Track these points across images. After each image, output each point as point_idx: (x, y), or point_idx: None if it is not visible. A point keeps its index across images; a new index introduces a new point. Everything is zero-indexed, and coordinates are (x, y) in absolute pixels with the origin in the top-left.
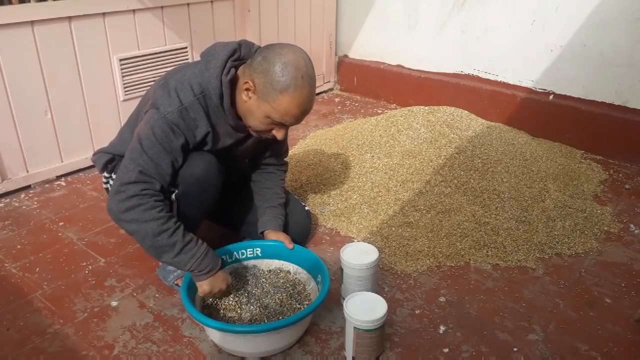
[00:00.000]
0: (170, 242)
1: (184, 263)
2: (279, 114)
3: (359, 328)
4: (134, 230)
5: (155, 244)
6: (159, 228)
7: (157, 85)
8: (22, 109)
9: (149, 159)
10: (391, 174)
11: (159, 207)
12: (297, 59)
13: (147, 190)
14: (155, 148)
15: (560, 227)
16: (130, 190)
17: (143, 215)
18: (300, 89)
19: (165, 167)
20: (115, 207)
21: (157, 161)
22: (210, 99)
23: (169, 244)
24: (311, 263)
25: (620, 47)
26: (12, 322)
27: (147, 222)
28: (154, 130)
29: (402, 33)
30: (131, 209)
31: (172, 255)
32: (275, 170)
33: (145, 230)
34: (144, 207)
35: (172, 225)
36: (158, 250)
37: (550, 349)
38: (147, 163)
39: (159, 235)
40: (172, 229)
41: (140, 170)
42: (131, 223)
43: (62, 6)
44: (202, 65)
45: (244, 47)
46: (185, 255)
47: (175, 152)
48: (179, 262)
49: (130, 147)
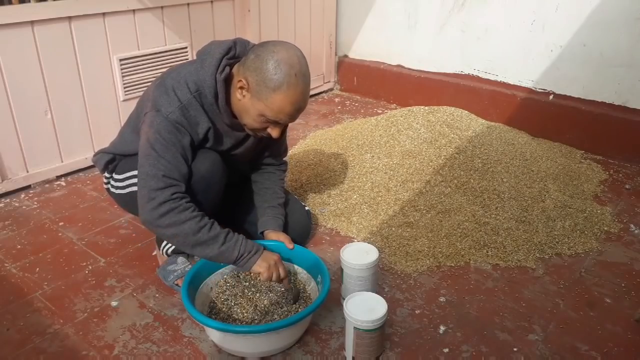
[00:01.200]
0: (212, 235)
1: (232, 250)
2: (272, 112)
3: (359, 328)
4: (173, 234)
5: (198, 241)
6: (197, 225)
7: (154, 85)
8: (22, 109)
9: (167, 162)
10: (391, 174)
11: (191, 208)
12: (291, 56)
13: (176, 193)
14: (170, 150)
15: (560, 227)
16: (161, 197)
17: (179, 217)
18: (293, 86)
19: (183, 167)
20: (150, 216)
21: (175, 162)
22: (205, 97)
23: (211, 237)
24: (311, 263)
25: (620, 47)
26: (12, 322)
27: (185, 223)
28: (161, 133)
29: (402, 33)
30: (166, 214)
31: (218, 246)
32: (275, 170)
33: (184, 230)
34: (177, 210)
35: (208, 221)
36: (202, 247)
37: (550, 349)
38: (167, 167)
39: (199, 232)
40: (209, 223)
41: (164, 175)
42: (169, 227)
43: (62, 6)
44: (198, 64)
45: (239, 45)
46: (230, 242)
47: (186, 149)
48: (226, 250)
49: (143, 154)
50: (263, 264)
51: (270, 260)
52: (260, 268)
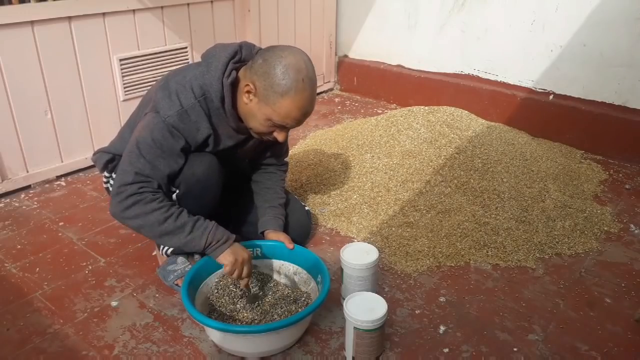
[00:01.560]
0: (178, 224)
1: (199, 238)
2: (280, 117)
3: (359, 328)
4: (139, 225)
5: (164, 231)
6: (162, 215)
7: (158, 86)
8: (22, 109)
9: (145, 162)
10: (391, 174)
11: (158, 198)
12: (298, 61)
13: (145, 187)
14: (152, 151)
15: (560, 227)
16: (128, 190)
17: (144, 208)
18: (301, 91)
19: (163, 168)
20: (116, 208)
21: (155, 163)
22: (211, 101)
23: (177, 227)
24: (311, 263)
25: (620, 47)
26: (12, 322)
27: (151, 213)
28: (153, 134)
29: (402, 33)
30: (131, 205)
31: (185, 235)
32: (276, 171)
33: (150, 221)
34: (143, 202)
35: (175, 210)
36: (170, 236)
37: (550, 349)
38: (144, 165)
39: (165, 222)
40: (176, 213)
41: (136, 172)
42: (135, 219)
43: (62, 6)
44: (203, 67)
45: (245, 49)
46: (197, 231)
47: (175, 154)
48: (193, 239)
49: (127, 150)
50: (229, 257)
51: (239, 256)
52: (225, 260)
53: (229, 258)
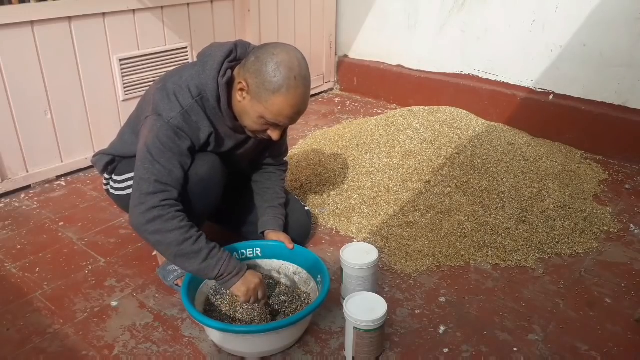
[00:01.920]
0: (195, 249)
1: (212, 267)
2: (272, 115)
3: (359, 328)
4: (157, 242)
5: (180, 253)
6: (182, 237)
7: (156, 88)
8: (22, 109)
9: (161, 167)
10: (391, 174)
11: (180, 217)
12: (291, 58)
13: (167, 200)
14: (165, 155)
15: (560, 227)
16: (150, 202)
17: (165, 226)
18: (293, 89)
19: (178, 172)
20: (137, 220)
21: (170, 167)
22: (207, 101)
23: (193, 251)
24: (311, 263)
25: (620, 47)
26: (12, 322)
27: (170, 232)
28: (160, 138)
29: (402, 33)
30: (153, 220)
31: (199, 262)
32: (276, 170)
33: (169, 240)
34: (165, 218)
35: (194, 234)
36: (184, 259)
37: (550, 349)
38: (160, 172)
39: (182, 244)
40: (195, 236)
41: (156, 180)
42: (154, 234)
43: (62, 6)
44: (199, 67)
45: (240, 48)
46: (212, 260)
47: (184, 155)
48: (206, 267)
49: (140, 158)
50: (242, 288)
51: (251, 284)
52: (239, 292)
53: (241, 289)
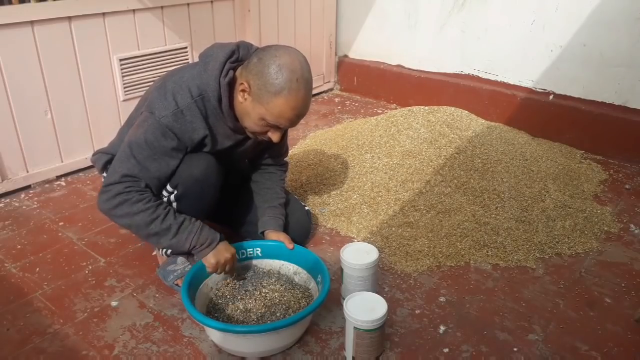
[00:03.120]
0: (164, 226)
1: (183, 241)
2: (273, 117)
3: (359, 328)
4: (127, 224)
5: (151, 232)
6: (149, 217)
7: (155, 87)
8: (22, 109)
9: (136, 162)
10: (391, 174)
11: (145, 199)
12: (293, 61)
13: (131, 187)
14: (144, 152)
15: (560, 227)
16: (114, 189)
17: (131, 209)
18: (295, 91)
19: (153, 170)
20: (103, 206)
21: (145, 164)
22: (208, 101)
23: (163, 229)
24: (311, 263)
25: (620, 47)
26: (12, 322)
27: (137, 214)
28: (146, 135)
29: (402, 33)
30: (118, 205)
31: (170, 237)
32: (276, 170)
33: (137, 222)
34: (130, 202)
35: (162, 212)
36: (156, 237)
37: (550, 349)
38: (133, 166)
39: (151, 224)
40: (162, 214)
41: (124, 174)
42: (123, 218)
43: (62, 6)
44: (201, 67)
45: (242, 49)
46: (183, 234)
47: (166, 156)
48: (177, 242)
49: (120, 149)
50: (211, 259)
51: (221, 257)
52: (207, 262)
53: (210, 260)
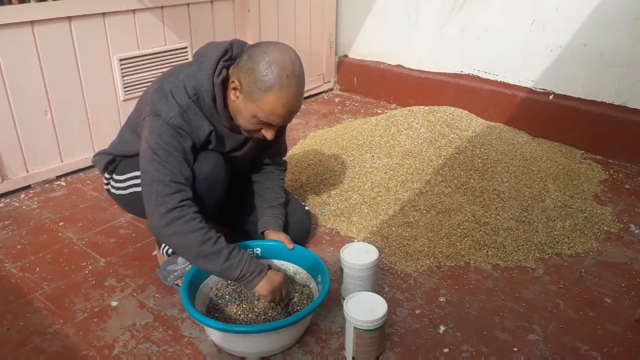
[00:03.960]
0: (216, 249)
1: (235, 267)
2: (264, 114)
3: (359, 328)
4: (177, 244)
5: (201, 254)
6: (202, 237)
7: (153, 88)
8: (22, 109)
9: (172, 167)
10: (391, 174)
11: (198, 218)
12: (283, 57)
13: (185, 201)
14: (172, 154)
15: (560, 227)
16: (170, 203)
17: (185, 227)
18: (285, 88)
19: (187, 171)
20: (158, 222)
21: (179, 167)
22: (203, 100)
23: (214, 252)
24: (311, 263)
25: (620, 47)
26: (12, 322)
27: (191, 234)
28: (163, 138)
29: (402, 33)
30: (172, 222)
31: (221, 262)
32: (275, 170)
33: (189, 241)
34: (184, 219)
35: (214, 235)
36: (205, 260)
37: (550, 349)
38: (172, 171)
39: (203, 245)
40: (214, 237)
41: (171, 180)
42: (174, 236)
43: (62, 6)
44: (195, 67)
45: (235, 47)
46: (234, 259)
47: (188, 153)
48: (228, 267)
49: (147, 160)
50: (267, 287)
51: (275, 283)
52: (264, 291)
53: (266, 288)
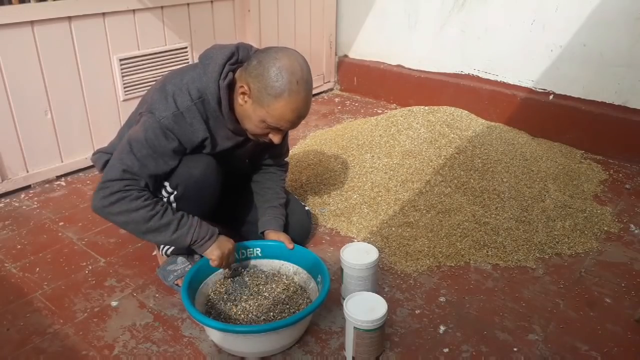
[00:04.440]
0: (164, 222)
1: (184, 236)
2: (274, 119)
3: (359, 328)
4: (124, 222)
5: (150, 229)
6: (148, 214)
7: (155, 88)
8: (22, 109)
9: (135, 159)
10: (391, 174)
11: (144, 196)
12: (293, 63)
13: (130, 185)
14: (143, 150)
15: (560, 227)
16: (114, 187)
17: (130, 205)
18: (295, 94)
19: (151, 168)
20: (100, 203)
21: (144, 162)
22: (208, 103)
23: (162, 225)
24: (311, 263)
25: (620, 47)
26: (12, 322)
27: (135, 211)
28: (147, 134)
29: (402, 33)
30: (116, 202)
31: (170, 233)
32: (276, 170)
33: (135, 218)
34: (129, 199)
35: (160, 208)
36: (155, 234)
37: (550, 349)
38: (133, 163)
39: (150, 220)
40: (161, 211)
41: (124, 169)
42: (120, 215)
43: (62, 6)
44: (200, 69)
45: (241, 50)
46: (183, 229)
47: (166, 155)
48: (178, 237)
49: (119, 147)
50: (216, 251)
51: (224, 248)
52: (212, 255)
53: (215, 252)
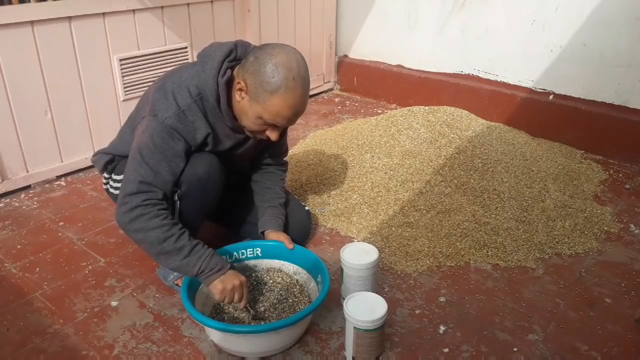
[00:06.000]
0: (177, 246)
1: (193, 264)
2: (270, 115)
3: (359, 328)
4: (140, 240)
5: (162, 250)
6: (163, 235)
7: (155, 87)
8: (22, 109)
9: (149, 168)
10: (391, 174)
11: (162, 215)
12: (289, 59)
13: (149, 200)
14: (155, 156)
15: (560, 227)
16: (133, 202)
17: (147, 224)
18: (291, 90)
19: (166, 174)
20: (122, 218)
21: (157, 169)
22: (207, 100)
23: (175, 249)
24: (311, 263)
25: (620, 47)
26: (12, 322)
27: (152, 230)
28: (153, 139)
29: (402, 33)
30: (135, 219)
31: (180, 258)
32: (276, 170)
33: (151, 238)
34: (147, 217)
35: (176, 231)
36: (166, 256)
37: (550, 349)
38: (147, 172)
39: (164, 242)
40: (177, 234)
41: (140, 181)
42: (137, 232)
43: (62, 6)
44: (199, 67)
45: (240, 48)
46: (193, 256)
47: (177, 157)
48: (187, 263)
49: (130, 157)
50: (218, 285)
51: (228, 284)
52: (214, 289)
53: (218, 287)
